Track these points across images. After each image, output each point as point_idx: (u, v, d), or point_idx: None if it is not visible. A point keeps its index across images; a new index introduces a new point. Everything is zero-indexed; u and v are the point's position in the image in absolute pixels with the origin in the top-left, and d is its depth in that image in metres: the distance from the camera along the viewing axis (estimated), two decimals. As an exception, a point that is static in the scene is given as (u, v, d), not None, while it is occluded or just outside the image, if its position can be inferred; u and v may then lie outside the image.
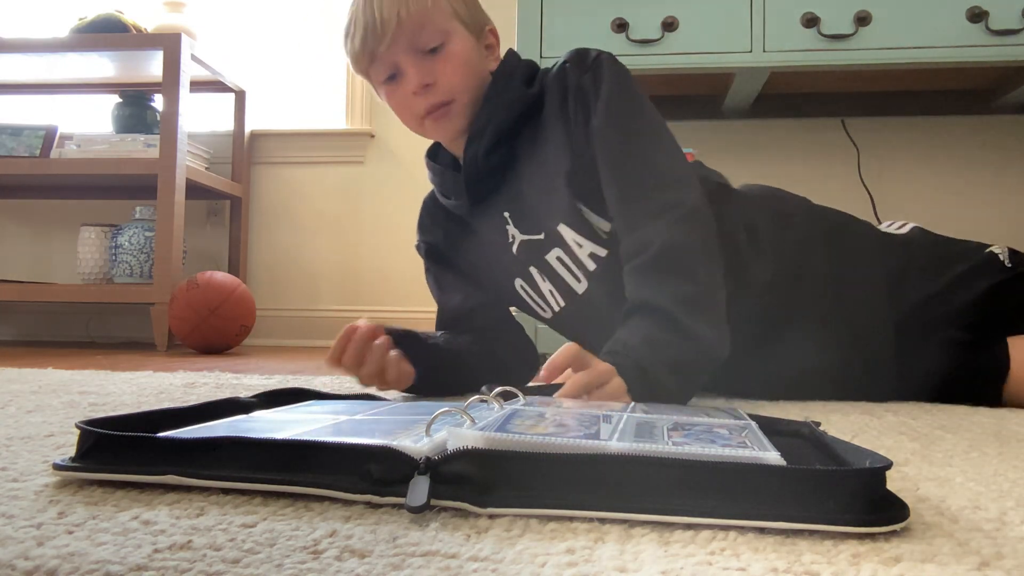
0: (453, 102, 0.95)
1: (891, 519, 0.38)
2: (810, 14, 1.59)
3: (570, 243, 0.96)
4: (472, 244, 1.09)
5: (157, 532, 0.38)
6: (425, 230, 1.15)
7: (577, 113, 0.94)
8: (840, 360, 0.99)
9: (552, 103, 0.96)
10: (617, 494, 0.40)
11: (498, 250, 1.04)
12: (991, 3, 1.54)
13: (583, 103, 0.93)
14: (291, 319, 2.56)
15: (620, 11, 1.65)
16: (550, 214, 0.97)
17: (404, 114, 0.98)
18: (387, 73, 0.95)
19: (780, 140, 2.12)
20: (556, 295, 1.02)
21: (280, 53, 2.67)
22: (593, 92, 0.93)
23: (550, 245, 0.98)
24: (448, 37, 0.94)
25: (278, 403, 0.69)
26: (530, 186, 0.98)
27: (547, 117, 0.96)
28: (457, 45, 0.95)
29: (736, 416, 0.59)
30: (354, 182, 2.57)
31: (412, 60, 0.93)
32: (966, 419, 0.82)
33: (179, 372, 1.31)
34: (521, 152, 0.99)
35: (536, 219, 0.99)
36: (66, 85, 2.62)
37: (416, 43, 0.93)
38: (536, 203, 0.98)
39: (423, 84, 0.93)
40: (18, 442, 0.61)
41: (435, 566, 0.34)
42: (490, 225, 1.03)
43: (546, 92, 0.97)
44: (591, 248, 0.95)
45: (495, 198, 1.01)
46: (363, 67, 0.97)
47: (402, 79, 0.94)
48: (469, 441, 0.44)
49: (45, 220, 2.71)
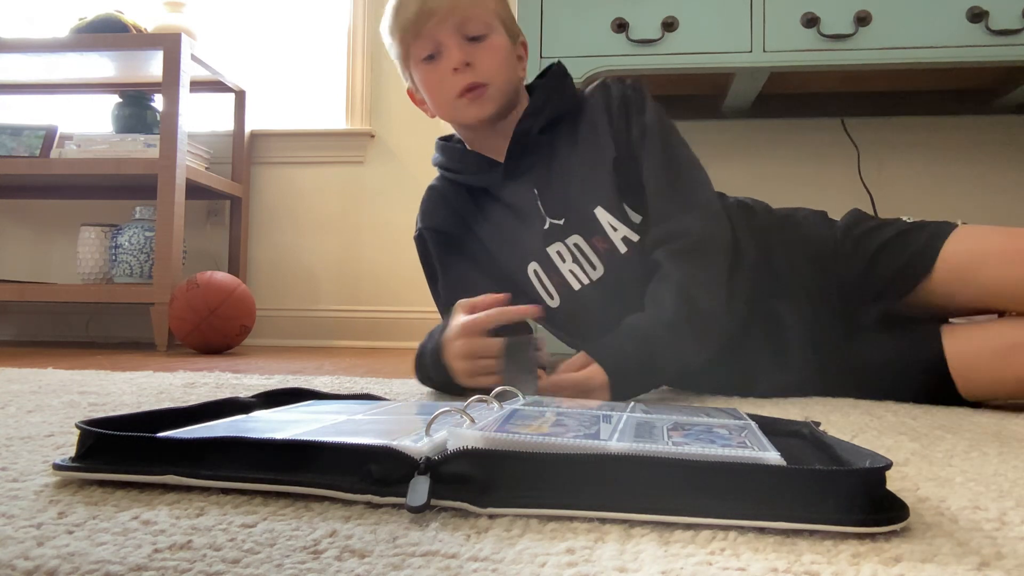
0: (489, 86, 1.00)
1: (891, 519, 0.38)
2: (810, 14, 1.59)
3: (604, 225, 1.02)
4: (488, 224, 1.10)
5: (157, 532, 0.38)
6: (430, 216, 1.14)
7: (622, 114, 1.04)
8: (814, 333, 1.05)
9: (595, 107, 1.06)
10: (617, 494, 0.40)
11: (521, 227, 1.06)
12: (991, 3, 1.54)
13: (627, 107, 1.04)
14: (291, 319, 2.56)
15: (620, 11, 1.65)
16: (584, 197, 1.03)
17: (437, 93, 1.02)
18: (428, 51, 1.00)
19: (780, 140, 2.12)
20: (577, 274, 1.05)
21: (280, 53, 2.67)
22: (636, 104, 1.04)
23: (571, 230, 1.04)
24: (491, 31, 1.01)
25: (278, 403, 0.69)
26: (565, 172, 1.04)
27: (589, 118, 1.06)
28: (498, 40, 1.02)
29: (736, 416, 0.59)
30: (354, 182, 2.57)
31: (456, 42, 0.99)
32: (966, 419, 0.82)
33: (179, 372, 1.31)
34: (561, 140, 1.06)
35: (566, 203, 1.04)
36: (66, 85, 2.62)
37: (463, 28, 0.99)
38: (569, 188, 1.04)
39: (464, 62, 0.98)
40: (18, 442, 0.61)
41: (435, 566, 0.34)
42: (519, 198, 1.06)
43: (587, 100, 1.08)
44: (625, 232, 1.02)
45: (527, 176, 1.06)
46: (406, 42, 1.02)
47: (443, 57, 1.00)
48: (469, 441, 0.44)
49: (45, 220, 2.71)
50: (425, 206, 1.15)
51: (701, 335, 0.94)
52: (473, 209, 1.11)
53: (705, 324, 0.94)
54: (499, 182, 1.06)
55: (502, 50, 1.02)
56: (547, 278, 1.07)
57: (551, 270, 1.06)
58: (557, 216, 1.04)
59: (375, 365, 1.65)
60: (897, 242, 1.02)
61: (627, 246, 1.02)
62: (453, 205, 1.12)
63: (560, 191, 1.04)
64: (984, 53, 1.56)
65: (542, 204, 1.04)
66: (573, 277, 1.05)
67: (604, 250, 1.03)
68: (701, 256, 0.97)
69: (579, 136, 1.05)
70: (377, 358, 1.91)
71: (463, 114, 1.02)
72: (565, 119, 1.06)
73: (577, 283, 1.05)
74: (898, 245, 1.02)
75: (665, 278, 0.96)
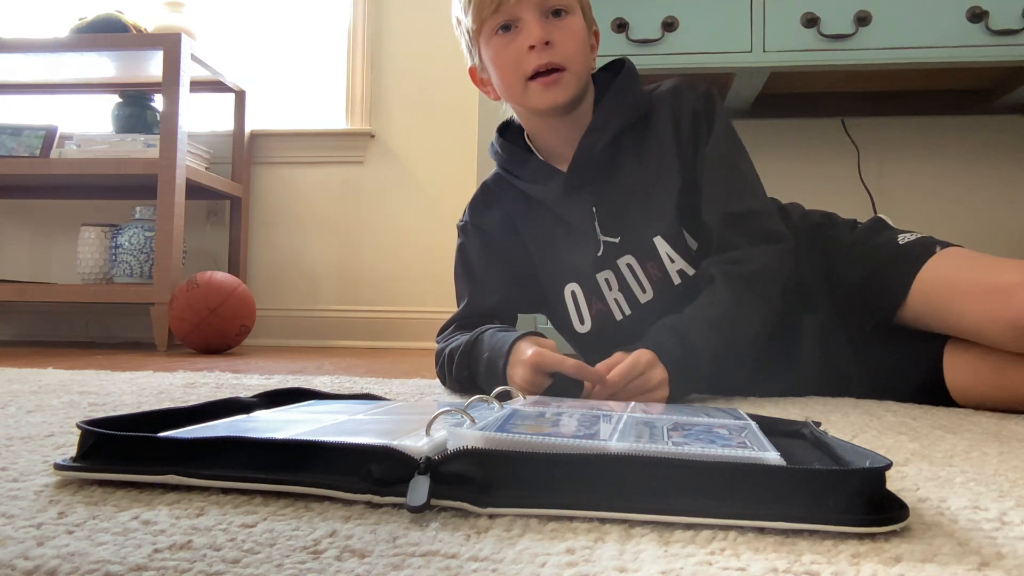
0: (565, 71, 0.95)
1: (891, 519, 0.38)
2: (810, 14, 1.59)
3: (662, 255, 0.99)
4: (538, 235, 1.08)
5: (157, 532, 0.38)
6: (479, 213, 1.12)
7: (690, 135, 1.00)
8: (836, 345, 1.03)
9: (664, 118, 1.01)
10: (617, 494, 0.40)
11: (572, 245, 1.04)
12: (991, 3, 1.54)
13: (696, 127, 1.00)
14: (291, 319, 2.56)
15: (620, 11, 1.65)
16: (646, 222, 0.99)
17: (509, 70, 0.97)
18: (503, 22, 0.95)
19: (780, 140, 2.12)
20: (621, 304, 1.03)
21: (280, 53, 2.67)
22: (706, 119, 1.00)
23: (625, 251, 1.01)
24: (572, 10, 0.97)
25: (278, 403, 0.69)
26: (627, 189, 1.01)
27: (656, 130, 1.01)
28: (578, 21, 0.98)
29: (736, 416, 0.59)
30: (354, 182, 2.57)
31: (537, 17, 0.94)
32: (966, 419, 0.82)
33: (179, 372, 1.31)
34: (625, 155, 1.02)
35: (623, 222, 1.01)
36: (66, 85, 2.62)
37: (545, 4, 0.95)
38: (629, 207, 1.00)
39: (543, 40, 0.93)
40: (18, 442, 0.61)
41: (435, 566, 0.34)
42: (576, 215, 1.03)
43: (655, 105, 1.03)
44: (682, 265, 0.99)
45: (587, 191, 1.02)
46: (484, 14, 0.96)
47: (520, 33, 0.95)
48: (469, 441, 0.44)
49: (45, 220, 2.71)
50: (476, 202, 1.13)
51: (739, 353, 0.92)
52: (526, 213, 1.08)
53: (742, 348, 0.92)
54: (558, 196, 1.03)
55: (581, 33, 0.97)
56: (585, 303, 1.04)
57: (594, 296, 1.03)
58: (613, 234, 1.01)
59: (375, 365, 1.65)
60: (885, 267, 0.99)
61: (681, 279, 0.99)
62: (506, 207, 1.10)
63: (619, 209, 1.01)
64: (984, 53, 1.55)
65: (599, 223, 1.02)
66: (617, 307, 1.03)
67: (656, 278, 1.00)
68: (756, 284, 0.94)
69: (646, 150, 1.01)
70: (377, 358, 1.91)
71: (535, 99, 0.96)
72: (632, 128, 1.02)
73: (620, 314, 1.02)
74: (888, 267, 0.99)
75: (715, 291, 0.93)
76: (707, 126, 1.00)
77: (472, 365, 0.97)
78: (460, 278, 1.13)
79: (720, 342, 0.89)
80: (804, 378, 1.03)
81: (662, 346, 0.87)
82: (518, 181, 1.07)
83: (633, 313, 1.02)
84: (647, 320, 0.98)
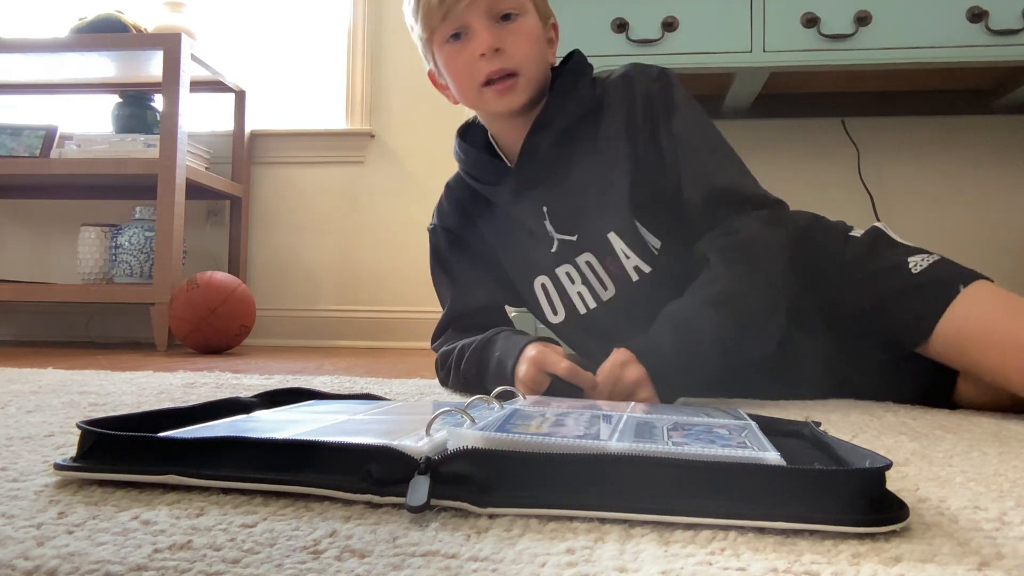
0: (518, 76, 0.94)
1: (891, 519, 0.38)
2: (810, 14, 1.59)
3: (617, 251, 0.98)
4: (498, 232, 1.08)
5: (157, 532, 0.38)
6: (444, 215, 1.12)
7: (646, 123, 0.96)
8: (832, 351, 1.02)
9: (616, 109, 0.98)
10: (617, 494, 0.40)
11: (530, 243, 1.04)
12: (991, 3, 1.54)
13: (652, 110, 0.96)
14: (291, 319, 2.56)
15: (620, 11, 1.65)
16: (599, 219, 0.98)
17: (463, 78, 0.96)
18: (453, 30, 0.94)
19: (780, 140, 2.12)
20: (585, 297, 1.02)
21: (280, 53, 2.67)
22: (662, 99, 0.96)
23: (583, 248, 1.00)
24: (523, 11, 0.94)
25: (278, 403, 0.69)
26: (579, 187, 0.99)
27: (608, 122, 0.98)
28: (529, 22, 0.95)
29: (736, 416, 0.59)
30: (354, 182, 2.57)
31: (486, 23, 0.92)
32: (966, 419, 0.82)
33: (179, 372, 1.31)
34: (576, 151, 0.99)
35: (577, 220, 1.00)
36: (66, 85, 2.62)
37: (493, 8, 0.92)
38: (582, 205, 0.99)
39: (493, 48, 0.92)
40: (18, 442, 0.61)
41: (435, 566, 0.34)
42: (527, 215, 1.03)
43: (607, 96, 0.99)
44: (637, 262, 0.97)
45: (537, 191, 1.01)
46: (434, 23, 0.94)
47: (470, 40, 0.93)
48: (469, 441, 0.44)
49: (45, 220, 2.71)
50: (441, 203, 1.14)
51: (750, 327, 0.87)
52: (487, 212, 1.08)
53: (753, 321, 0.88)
54: (508, 197, 1.02)
55: (534, 34, 0.95)
56: (556, 294, 1.04)
57: (559, 290, 1.04)
58: (569, 233, 1.00)
59: (375, 365, 1.65)
60: (902, 299, 0.94)
61: (638, 275, 0.97)
62: (466, 207, 1.10)
63: (572, 207, 0.99)
64: (984, 53, 1.55)
65: (552, 223, 1.01)
66: (580, 300, 1.02)
67: (616, 273, 0.99)
68: (756, 251, 0.89)
69: (597, 142, 0.98)
70: (377, 358, 1.91)
71: (491, 105, 0.96)
72: (584, 122, 0.99)
73: (584, 307, 1.02)
74: (902, 302, 0.94)
75: (711, 269, 0.89)
76: (664, 105, 0.96)
77: (482, 362, 0.98)
78: (439, 281, 1.13)
79: (726, 319, 0.85)
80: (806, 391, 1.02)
81: (652, 340, 0.85)
82: (475, 182, 1.07)
83: (598, 307, 1.02)
84: (613, 314, 0.99)
